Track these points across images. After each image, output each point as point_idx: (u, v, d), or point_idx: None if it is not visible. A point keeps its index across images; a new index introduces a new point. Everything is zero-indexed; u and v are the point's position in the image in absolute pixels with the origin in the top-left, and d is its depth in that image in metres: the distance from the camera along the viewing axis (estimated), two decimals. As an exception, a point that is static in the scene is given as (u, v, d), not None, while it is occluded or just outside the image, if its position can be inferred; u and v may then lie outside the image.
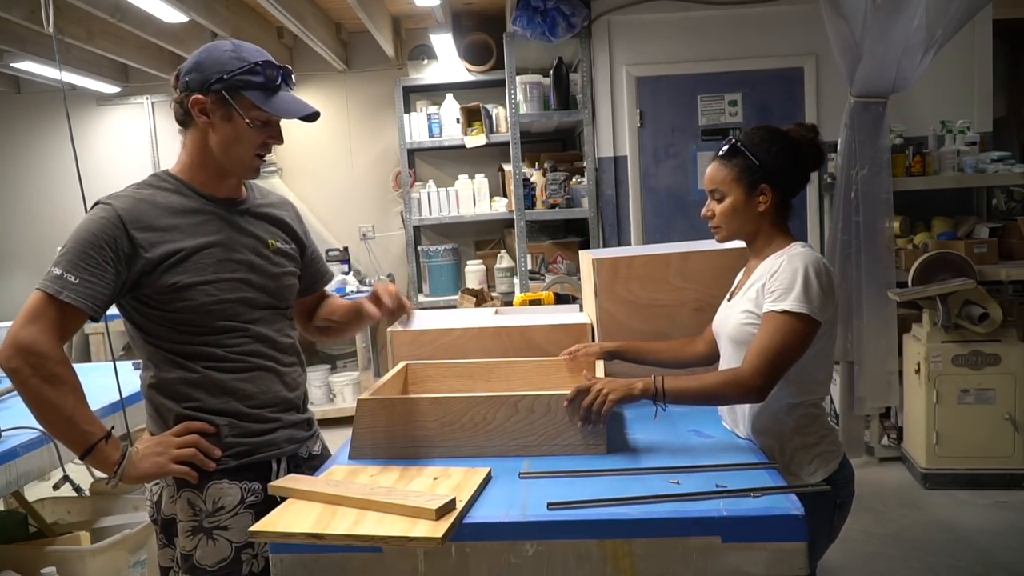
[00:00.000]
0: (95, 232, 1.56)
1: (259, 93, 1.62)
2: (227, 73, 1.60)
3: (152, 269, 1.60)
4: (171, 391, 1.67)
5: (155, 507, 1.72)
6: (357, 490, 1.46)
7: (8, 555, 2.28)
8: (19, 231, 6.01)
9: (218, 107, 1.62)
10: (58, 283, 1.52)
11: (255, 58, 1.63)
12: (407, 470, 1.61)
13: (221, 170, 1.69)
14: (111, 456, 1.58)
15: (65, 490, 2.22)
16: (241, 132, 1.63)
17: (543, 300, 2.93)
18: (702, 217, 1.88)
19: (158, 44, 4.75)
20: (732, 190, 1.81)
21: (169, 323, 1.64)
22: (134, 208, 1.61)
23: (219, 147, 1.65)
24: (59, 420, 1.57)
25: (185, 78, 1.64)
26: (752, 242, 1.86)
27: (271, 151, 1.76)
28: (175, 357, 1.66)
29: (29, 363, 1.51)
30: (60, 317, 1.54)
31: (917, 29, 3.52)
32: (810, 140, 1.83)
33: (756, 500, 1.38)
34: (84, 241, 1.56)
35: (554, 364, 2.04)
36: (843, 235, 3.92)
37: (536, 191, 4.84)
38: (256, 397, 1.70)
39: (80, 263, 1.54)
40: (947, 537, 3.24)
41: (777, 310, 1.67)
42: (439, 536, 1.28)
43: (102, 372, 2.82)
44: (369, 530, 1.33)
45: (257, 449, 1.71)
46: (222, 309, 1.66)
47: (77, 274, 1.53)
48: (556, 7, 4.32)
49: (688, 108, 4.60)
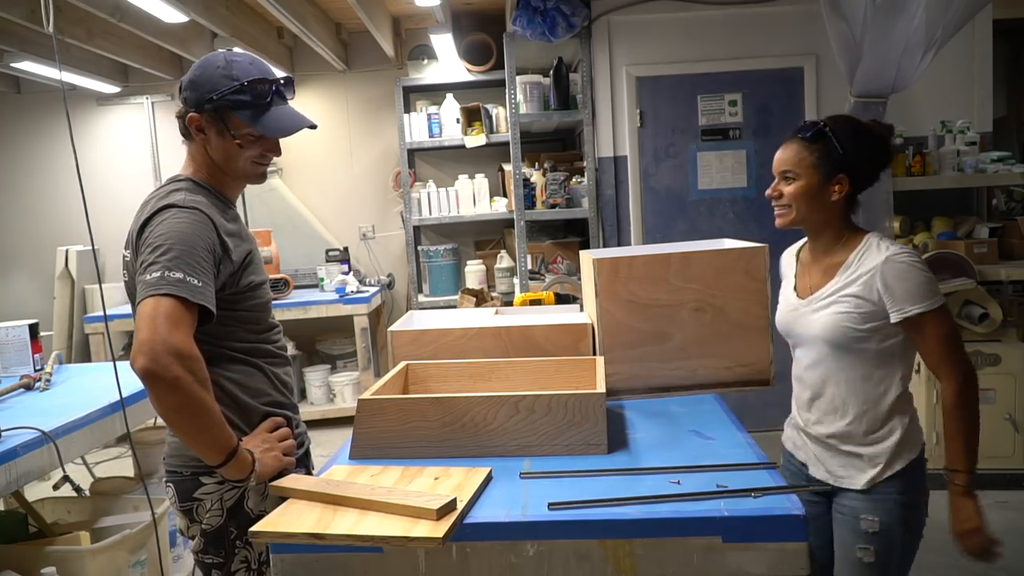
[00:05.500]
0: (198, 235, 1.58)
1: (248, 112, 1.66)
2: (216, 93, 1.64)
3: (236, 270, 1.67)
4: (242, 386, 1.72)
5: (226, 513, 1.69)
6: (358, 490, 1.46)
7: (8, 555, 2.28)
8: (19, 231, 6.00)
9: (212, 124, 1.68)
10: (186, 287, 1.51)
11: (245, 76, 1.66)
12: (408, 470, 1.61)
13: (228, 178, 1.76)
14: (246, 458, 1.60)
15: (65, 490, 2.22)
16: (232, 149, 1.69)
17: (543, 300, 2.92)
18: (768, 196, 1.84)
19: (158, 44, 4.75)
20: (808, 174, 1.78)
21: (237, 321, 1.70)
22: (213, 212, 1.65)
23: (219, 160, 1.71)
24: (212, 424, 1.54)
25: (184, 94, 1.70)
26: (819, 233, 1.84)
27: (271, 160, 1.79)
28: (236, 354, 1.72)
29: (189, 369, 1.49)
30: (193, 321, 1.54)
31: (917, 29, 3.52)
32: (887, 139, 1.82)
33: (757, 500, 1.38)
34: (192, 244, 1.56)
35: (554, 364, 2.04)
36: (843, 235, 3.92)
37: (536, 191, 4.84)
38: (292, 390, 1.85)
39: (197, 266, 1.55)
40: (947, 537, 3.23)
41: (927, 311, 1.69)
42: (440, 536, 1.28)
43: (102, 372, 2.82)
44: (370, 530, 1.33)
45: (301, 438, 1.87)
46: (269, 306, 1.80)
47: (198, 277, 1.54)
48: (556, 7, 4.32)
49: (688, 108, 4.60)
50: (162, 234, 1.56)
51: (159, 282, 1.50)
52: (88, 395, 2.51)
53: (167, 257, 1.53)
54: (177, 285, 1.50)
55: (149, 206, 1.66)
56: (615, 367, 2.10)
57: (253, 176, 1.75)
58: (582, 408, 1.68)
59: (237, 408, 1.70)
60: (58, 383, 2.75)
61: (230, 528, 1.70)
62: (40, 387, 2.64)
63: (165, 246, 1.54)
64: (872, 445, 1.79)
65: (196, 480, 1.70)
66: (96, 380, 2.75)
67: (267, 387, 1.76)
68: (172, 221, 1.58)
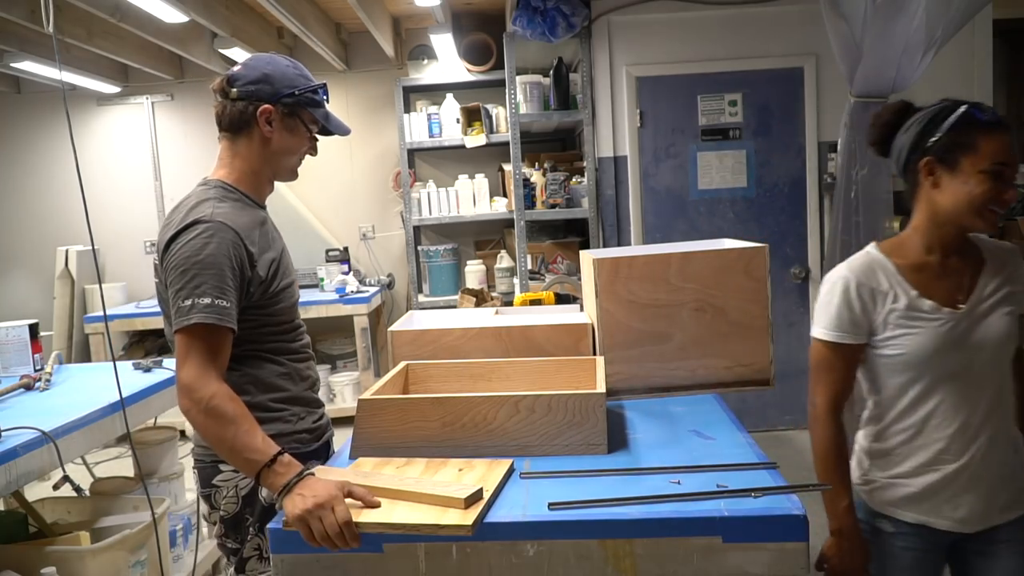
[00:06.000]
0: (225, 254, 1.63)
1: (320, 111, 1.81)
2: (297, 89, 1.76)
3: (263, 280, 1.73)
4: (261, 384, 1.79)
5: (241, 500, 1.78)
6: (386, 480, 1.50)
7: (8, 555, 2.28)
8: (19, 231, 6.00)
9: (284, 119, 1.76)
10: (214, 311, 1.58)
11: (315, 80, 1.83)
12: (432, 462, 1.64)
13: (269, 177, 1.84)
14: (277, 482, 1.49)
15: (65, 490, 2.22)
16: (297, 144, 1.80)
17: (543, 300, 2.92)
18: (1007, 202, 1.61)
19: (158, 44, 4.75)
20: None
21: (263, 324, 1.77)
22: (239, 223, 1.70)
23: (275, 154, 1.79)
24: (235, 449, 1.56)
25: (250, 87, 1.74)
26: None
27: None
28: (263, 353, 1.80)
29: (213, 406, 1.55)
30: (226, 342, 1.63)
31: (917, 29, 3.52)
32: None
33: (757, 500, 1.38)
34: (220, 265, 1.62)
35: (554, 364, 2.04)
36: (843, 235, 3.91)
37: (536, 191, 4.84)
38: (316, 384, 1.96)
39: (225, 287, 1.61)
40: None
41: None
42: (470, 524, 1.32)
43: (102, 372, 2.82)
44: (401, 519, 1.36)
45: (325, 429, 1.97)
46: (295, 307, 1.89)
47: (227, 299, 1.61)
48: (556, 7, 4.32)
49: (688, 108, 4.60)
50: (188, 256, 1.61)
51: (190, 311, 1.57)
52: (88, 395, 2.51)
53: (194, 284, 1.59)
54: (206, 312, 1.57)
55: (177, 219, 1.70)
56: (615, 367, 2.10)
57: (293, 172, 1.86)
58: (582, 408, 1.68)
59: (259, 407, 1.76)
60: (58, 383, 2.75)
61: (246, 515, 1.79)
62: (40, 387, 2.63)
63: (192, 271, 1.60)
64: None
65: (215, 467, 1.78)
66: (96, 380, 2.75)
67: (286, 382, 1.84)
68: (198, 242, 1.62)
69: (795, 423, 4.55)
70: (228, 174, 1.79)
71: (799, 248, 4.67)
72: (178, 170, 5.97)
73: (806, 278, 4.67)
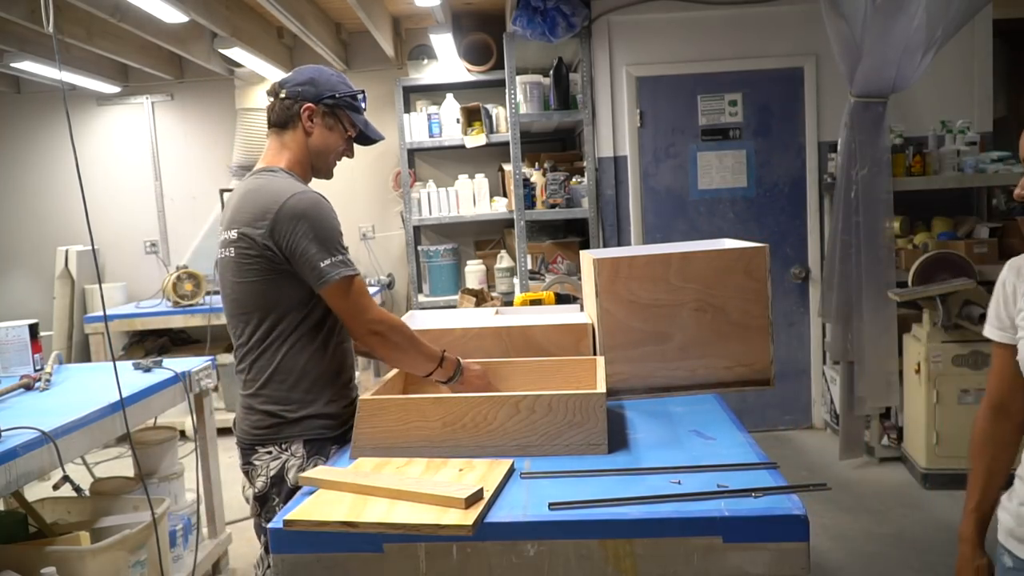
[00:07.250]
0: (336, 217, 1.86)
1: (359, 116, 2.01)
2: (339, 93, 1.96)
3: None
4: (337, 363, 1.95)
5: (269, 480, 1.88)
6: (387, 480, 1.50)
7: (8, 555, 2.28)
8: (19, 231, 6.00)
9: (324, 117, 1.95)
10: (351, 265, 1.83)
11: (356, 87, 2.02)
12: (432, 462, 1.64)
13: (310, 169, 1.99)
14: (452, 363, 1.95)
15: (65, 490, 2.22)
16: (334, 142, 1.97)
17: (543, 300, 2.92)
18: None
19: (158, 44, 4.75)
20: None
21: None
22: None
23: (314, 150, 1.96)
24: (419, 353, 1.90)
25: (297, 88, 1.94)
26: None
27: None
28: (318, 331, 1.91)
29: (389, 326, 1.86)
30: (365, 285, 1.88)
31: (917, 29, 3.52)
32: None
33: (757, 500, 1.38)
34: (337, 227, 1.85)
35: (554, 364, 2.04)
36: (843, 235, 3.92)
37: (536, 191, 4.84)
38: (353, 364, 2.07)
39: (343, 244, 1.86)
40: (947, 537, 3.24)
41: None
42: (470, 524, 1.32)
43: (102, 372, 2.82)
44: (401, 518, 1.36)
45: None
46: None
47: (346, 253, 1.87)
48: (556, 7, 4.32)
49: (688, 108, 4.60)
50: (315, 219, 1.80)
51: (338, 265, 1.80)
52: (88, 395, 2.51)
53: (331, 244, 1.81)
54: (348, 265, 1.82)
55: (272, 192, 1.83)
56: (615, 367, 2.10)
57: (329, 172, 2.02)
58: (582, 408, 1.68)
59: (308, 382, 1.89)
60: (58, 383, 2.75)
61: (272, 495, 1.88)
62: (40, 387, 2.63)
63: (324, 233, 1.80)
64: None
65: (253, 448, 1.90)
66: (96, 380, 2.75)
67: (335, 364, 1.95)
68: (314, 205, 1.82)
69: (795, 423, 4.53)
70: (281, 161, 1.94)
71: (799, 248, 4.67)
72: (178, 170, 5.97)
73: (806, 278, 4.67)
